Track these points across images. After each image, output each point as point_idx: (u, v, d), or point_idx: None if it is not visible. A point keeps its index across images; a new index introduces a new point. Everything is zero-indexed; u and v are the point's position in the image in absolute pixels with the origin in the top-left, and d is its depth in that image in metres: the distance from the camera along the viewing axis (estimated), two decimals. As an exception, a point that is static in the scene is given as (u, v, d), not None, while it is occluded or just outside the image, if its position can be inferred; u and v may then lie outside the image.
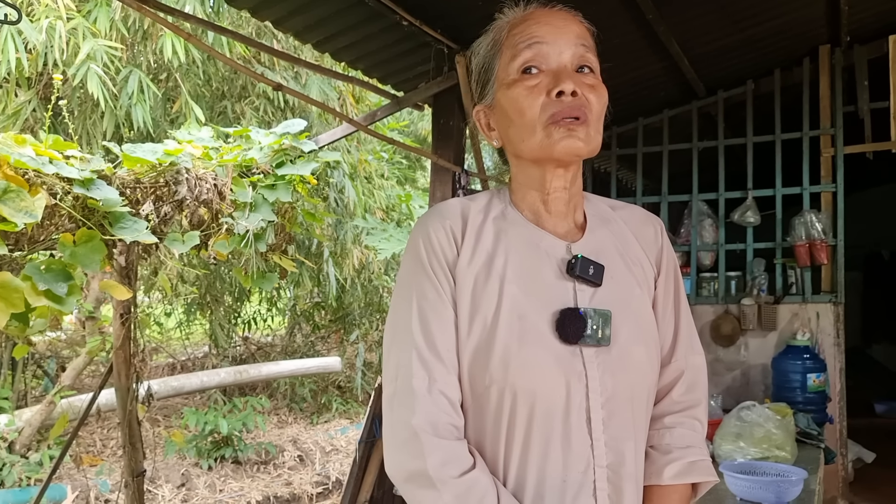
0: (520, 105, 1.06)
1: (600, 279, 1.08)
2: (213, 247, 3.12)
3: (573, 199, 1.14)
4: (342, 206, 6.12)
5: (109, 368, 3.60)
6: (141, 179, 2.94)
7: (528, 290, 1.05)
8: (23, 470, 4.96)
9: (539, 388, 1.01)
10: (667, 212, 4.55)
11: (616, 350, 1.05)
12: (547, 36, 1.06)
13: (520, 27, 1.09)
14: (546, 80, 1.05)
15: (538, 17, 1.09)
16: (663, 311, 1.18)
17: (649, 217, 1.23)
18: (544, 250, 1.09)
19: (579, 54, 1.07)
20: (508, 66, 1.08)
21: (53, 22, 4.12)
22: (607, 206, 1.21)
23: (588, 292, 1.07)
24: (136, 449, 3.60)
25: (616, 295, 1.09)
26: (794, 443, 2.92)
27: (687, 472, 1.11)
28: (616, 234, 1.17)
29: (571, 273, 1.07)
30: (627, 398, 1.06)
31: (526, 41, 1.07)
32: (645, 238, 1.19)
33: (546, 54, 1.06)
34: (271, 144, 3.29)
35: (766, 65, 4.33)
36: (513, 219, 1.12)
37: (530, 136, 1.06)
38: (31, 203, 2.43)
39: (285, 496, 5.66)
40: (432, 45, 3.19)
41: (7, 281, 2.32)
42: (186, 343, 9.38)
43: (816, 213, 4.09)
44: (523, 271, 1.07)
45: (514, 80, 1.07)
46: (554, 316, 1.04)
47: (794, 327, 4.08)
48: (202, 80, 5.25)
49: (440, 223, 1.09)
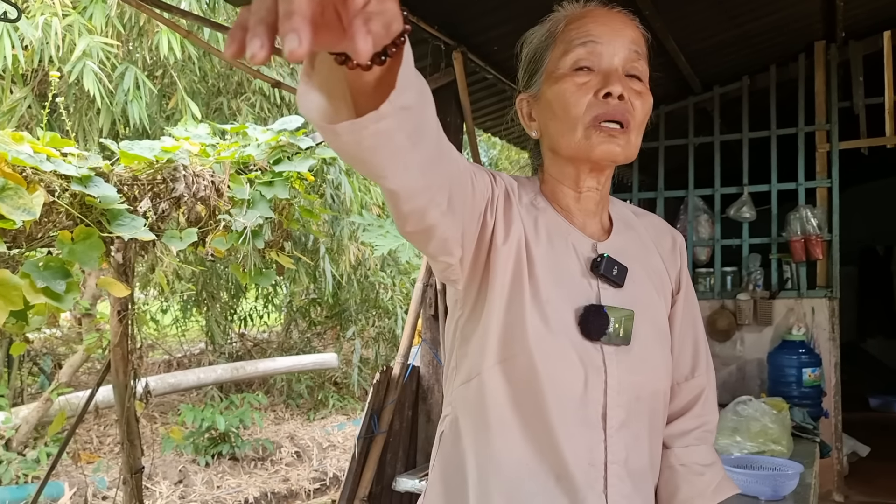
0: (565, 101, 1.06)
1: (623, 280, 1.09)
2: (210, 244, 3.12)
3: (603, 200, 1.15)
4: (338, 202, 6.12)
5: (107, 365, 3.59)
6: (138, 176, 2.94)
7: (555, 281, 1.05)
8: (20, 467, 4.96)
9: (559, 374, 1.01)
10: (663, 207, 4.57)
11: (636, 350, 1.06)
12: (603, 36, 1.06)
13: (577, 23, 1.08)
14: (596, 80, 1.05)
15: (596, 17, 1.08)
16: (682, 326, 1.20)
17: (670, 229, 1.25)
18: (572, 245, 1.10)
19: (631, 59, 1.07)
20: (560, 61, 1.08)
21: (49, 18, 4.11)
22: (630, 211, 1.23)
23: (611, 292, 1.08)
24: (134, 446, 3.60)
25: (637, 297, 1.10)
26: (790, 437, 2.93)
27: (724, 488, 1.16)
28: (638, 240, 1.18)
29: (596, 271, 1.08)
30: (644, 398, 1.07)
31: (581, 38, 1.06)
32: (664, 248, 1.21)
33: (599, 54, 1.06)
34: (268, 141, 3.29)
35: (762, 61, 4.35)
36: (543, 209, 1.12)
37: (570, 134, 1.06)
38: (30, 200, 2.43)
39: (282, 492, 5.67)
40: (429, 42, 3.19)
41: (6, 278, 2.32)
42: (183, 340, 9.37)
43: (812, 208, 4.11)
44: (552, 262, 1.07)
45: (563, 75, 1.07)
46: (577, 311, 1.04)
47: (789, 322, 4.11)
48: (198, 76, 5.24)
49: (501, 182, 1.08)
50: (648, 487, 1.10)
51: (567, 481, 1.01)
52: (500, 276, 1.03)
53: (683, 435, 1.18)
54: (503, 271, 1.03)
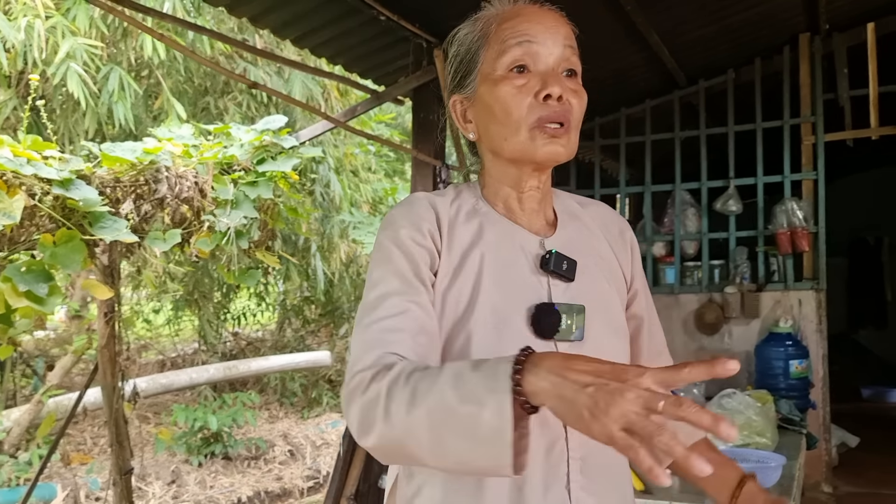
0: (506, 103, 1.05)
1: (573, 274, 1.08)
2: (195, 244, 3.12)
3: (545, 197, 1.14)
4: (328, 200, 6.12)
5: (95, 367, 3.60)
6: (121, 178, 2.94)
7: (503, 286, 1.05)
8: (12, 470, 4.96)
9: None
10: (650, 201, 4.57)
11: (590, 344, 1.06)
12: (538, 35, 1.05)
13: (510, 22, 1.07)
14: (534, 81, 1.04)
15: (529, 15, 1.07)
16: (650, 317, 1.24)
17: (616, 215, 1.24)
18: (519, 245, 1.09)
19: (566, 57, 1.07)
20: (496, 62, 1.07)
21: (32, 20, 4.10)
22: (575, 202, 1.22)
23: (561, 287, 1.08)
24: (123, 447, 3.60)
25: (588, 290, 1.10)
26: (774, 429, 2.94)
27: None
28: (585, 230, 1.17)
29: (545, 268, 1.07)
30: None
31: (517, 38, 1.05)
32: (612, 235, 1.20)
33: (536, 54, 1.05)
34: (252, 141, 3.29)
35: (747, 53, 4.35)
36: (486, 213, 1.12)
37: (514, 136, 1.05)
38: (10, 204, 2.44)
39: (276, 491, 5.69)
40: (411, 40, 3.19)
41: (-14, 283, 2.32)
42: (176, 339, 9.36)
43: (797, 200, 4.12)
44: (499, 266, 1.06)
45: (501, 77, 1.06)
46: (529, 311, 1.04)
47: (776, 314, 4.11)
48: (184, 76, 5.23)
49: (415, 227, 1.06)
50: (617, 480, 1.10)
51: (529, 479, 1.00)
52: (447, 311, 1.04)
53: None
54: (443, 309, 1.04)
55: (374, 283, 1.04)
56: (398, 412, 0.85)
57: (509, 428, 0.76)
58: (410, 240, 1.04)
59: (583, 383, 0.73)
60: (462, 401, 0.80)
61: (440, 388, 0.82)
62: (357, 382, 0.93)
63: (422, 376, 0.86)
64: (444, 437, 0.82)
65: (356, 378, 0.93)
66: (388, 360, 0.93)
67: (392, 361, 0.93)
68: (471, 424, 0.79)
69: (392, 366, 0.91)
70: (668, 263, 4.47)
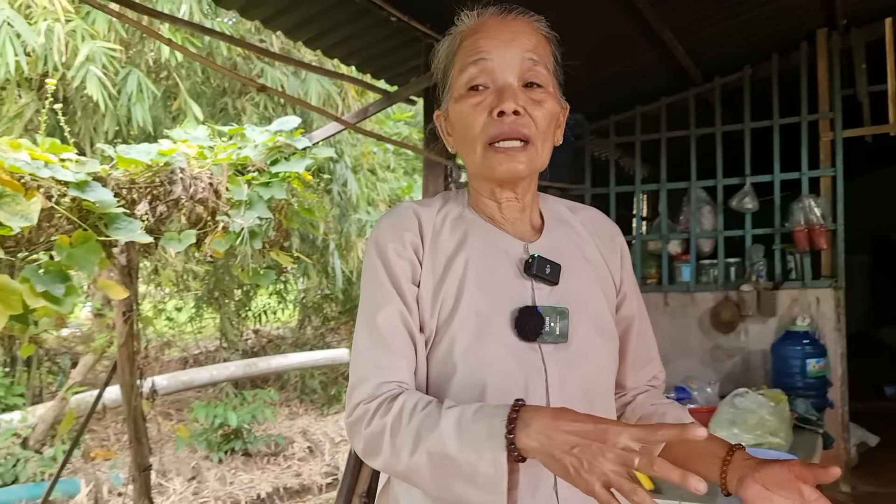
0: (463, 122, 1.07)
1: (557, 278, 1.10)
2: (209, 244, 3.17)
3: (526, 207, 1.16)
4: (345, 199, 6.16)
5: (114, 365, 3.66)
6: (136, 180, 2.98)
7: (487, 290, 1.07)
8: (37, 465, 5.05)
9: (499, 382, 1.03)
10: (666, 199, 4.55)
11: (574, 346, 1.08)
12: (493, 51, 1.06)
13: (469, 40, 1.08)
14: (490, 99, 1.05)
15: (487, 30, 1.08)
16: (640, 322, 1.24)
17: (607, 221, 1.26)
18: (503, 250, 1.11)
19: (526, 69, 1.06)
20: (457, 80, 1.09)
21: (52, 24, 4.17)
22: (565, 207, 1.24)
23: (546, 291, 1.09)
24: (141, 444, 3.66)
25: (573, 293, 1.11)
26: (788, 429, 2.92)
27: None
28: (573, 235, 1.19)
29: (529, 272, 1.09)
30: (584, 391, 1.08)
31: (473, 56, 1.06)
32: (602, 240, 1.22)
33: (491, 70, 1.06)
34: (266, 142, 3.32)
35: (764, 50, 4.31)
36: (471, 220, 1.14)
37: (472, 154, 1.08)
38: (27, 207, 2.48)
39: (295, 487, 5.74)
40: (422, 40, 3.21)
41: (5, 283, 2.37)
42: (198, 337, 9.48)
43: (815, 197, 4.08)
44: (483, 271, 1.09)
45: (460, 96, 1.08)
46: (513, 314, 1.06)
47: (793, 313, 4.08)
48: (201, 77, 5.29)
49: (398, 239, 1.09)
50: None
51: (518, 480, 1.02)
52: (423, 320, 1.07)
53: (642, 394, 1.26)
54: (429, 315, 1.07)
55: (366, 303, 1.09)
56: (402, 451, 0.95)
57: (504, 479, 0.87)
58: (395, 254, 1.08)
59: (569, 444, 0.83)
60: (462, 450, 0.90)
61: (441, 435, 0.92)
62: (359, 415, 1.01)
63: (424, 417, 0.95)
64: (445, 479, 0.92)
65: (358, 410, 1.01)
66: (387, 391, 1.02)
67: (392, 392, 1.01)
68: (470, 473, 0.89)
69: (393, 398, 1.00)
70: (683, 261, 4.45)
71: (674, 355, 4.24)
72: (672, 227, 4.53)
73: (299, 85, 5.45)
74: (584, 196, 4.69)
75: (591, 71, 3.82)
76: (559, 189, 4.25)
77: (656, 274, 4.54)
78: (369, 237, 1.14)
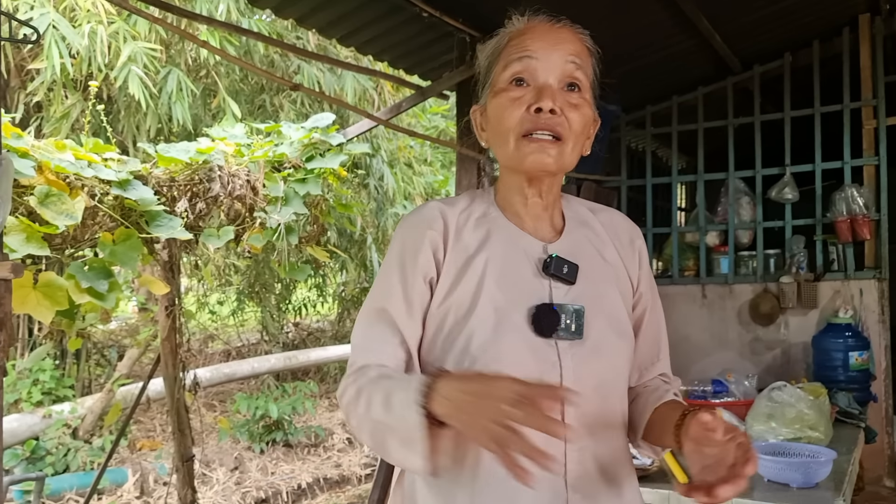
0: (500, 113, 1.11)
1: (574, 278, 1.13)
2: (247, 240, 3.23)
3: (549, 207, 1.19)
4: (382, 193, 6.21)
5: (157, 358, 3.76)
6: (176, 178, 3.06)
7: (506, 287, 1.11)
8: (87, 455, 5.21)
9: (514, 375, 1.04)
10: (703, 190, 4.50)
11: (589, 343, 1.11)
12: (539, 51, 1.11)
13: (517, 39, 1.13)
14: (529, 95, 1.10)
15: (535, 32, 1.13)
16: (647, 325, 1.25)
17: (627, 223, 1.28)
18: (523, 249, 1.15)
19: (568, 72, 1.11)
20: (500, 75, 1.13)
21: (95, 27, 4.28)
22: (587, 208, 1.27)
23: (563, 289, 1.13)
24: (184, 435, 3.76)
25: (590, 292, 1.14)
26: (828, 423, 2.87)
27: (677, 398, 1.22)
28: (592, 236, 1.22)
29: (547, 272, 1.13)
30: (597, 386, 1.11)
31: (518, 54, 1.11)
32: (622, 242, 1.24)
33: (535, 69, 1.10)
34: (301, 139, 3.37)
35: (804, 36, 4.22)
36: (494, 218, 1.18)
37: (504, 146, 1.12)
38: (72, 205, 2.57)
39: (335, 478, 5.82)
40: (455, 35, 3.22)
41: (51, 280, 2.46)
42: (240, 330, 9.65)
43: (858, 187, 4.00)
44: (502, 269, 1.12)
45: (501, 90, 1.12)
46: (529, 311, 1.10)
47: (835, 305, 4.01)
48: (239, 75, 5.38)
49: (420, 238, 1.14)
50: (615, 475, 1.14)
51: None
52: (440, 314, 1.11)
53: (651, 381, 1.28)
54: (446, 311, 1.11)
55: (374, 295, 1.16)
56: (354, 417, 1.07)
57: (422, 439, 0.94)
58: (413, 253, 1.13)
59: (464, 403, 0.91)
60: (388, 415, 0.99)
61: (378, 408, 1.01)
62: (343, 387, 1.12)
63: (373, 390, 1.04)
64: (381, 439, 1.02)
65: (343, 382, 1.13)
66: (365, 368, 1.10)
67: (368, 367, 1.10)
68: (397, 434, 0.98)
69: (366, 371, 1.08)
70: (721, 253, 4.39)
71: (711, 348, 4.20)
72: (710, 218, 4.48)
73: (335, 81, 5.51)
74: (620, 188, 4.66)
75: (627, 61, 3.79)
76: (595, 181, 4.23)
77: (694, 266, 4.49)
78: (394, 233, 1.19)
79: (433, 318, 1.12)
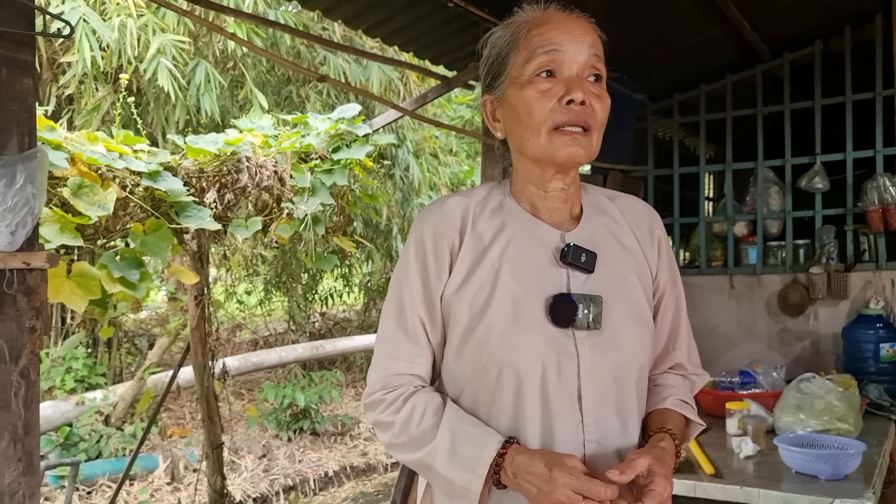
0: (530, 107, 1.11)
1: (592, 266, 1.13)
2: (275, 231, 3.27)
3: (569, 197, 1.19)
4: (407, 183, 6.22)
5: (187, 347, 3.83)
6: (204, 169, 3.10)
7: (522, 277, 1.11)
8: (119, 441, 5.32)
9: (532, 366, 1.07)
10: (731, 180, 4.45)
11: (607, 332, 1.11)
12: (564, 44, 1.11)
13: (539, 30, 1.13)
14: (558, 87, 1.10)
15: (557, 23, 1.13)
16: (664, 313, 1.27)
17: (647, 209, 1.28)
18: (539, 239, 1.15)
19: (591, 64, 1.12)
20: (524, 67, 1.12)
21: (125, 20, 4.34)
22: (605, 196, 1.27)
23: (581, 278, 1.13)
24: (213, 423, 3.83)
25: (608, 281, 1.14)
26: (857, 415, 2.84)
27: (683, 407, 1.23)
28: (611, 223, 1.22)
29: (564, 260, 1.13)
30: (615, 376, 1.12)
31: (544, 47, 1.11)
32: (640, 230, 1.24)
33: (561, 61, 1.11)
34: (327, 130, 3.40)
35: (836, 23, 4.14)
36: (510, 209, 1.18)
37: (535, 138, 1.11)
38: (104, 197, 2.62)
39: (361, 466, 5.88)
40: (480, 25, 3.21)
41: (84, 270, 2.51)
42: (268, 319, 9.75)
43: (890, 176, 3.92)
44: (519, 259, 1.13)
45: (527, 82, 1.11)
46: (547, 301, 1.10)
47: (866, 295, 3.95)
48: (266, 67, 5.42)
49: (436, 234, 1.15)
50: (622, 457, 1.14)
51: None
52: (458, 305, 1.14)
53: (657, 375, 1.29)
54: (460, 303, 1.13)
55: (395, 291, 1.19)
56: (404, 451, 1.14)
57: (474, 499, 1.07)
58: (431, 250, 1.15)
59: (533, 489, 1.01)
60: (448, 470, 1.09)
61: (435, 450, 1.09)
62: (374, 401, 1.18)
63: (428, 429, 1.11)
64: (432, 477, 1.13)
65: (374, 396, 1.18)
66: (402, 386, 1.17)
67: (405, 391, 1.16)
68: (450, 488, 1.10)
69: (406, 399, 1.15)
70: (750, 243, 4.34)
71: (739, 339, 4.16)
72: (738, 208, 4.43)
73: (361, 72, 5.53)
74: (647, 177, 4.63)
75: (653, 49, 3.76)
76: (621, 171, 4.20)
77: (721, 256, 4.45)
78: (412, 227, 1.20)
79: (447, 306, 1.14)
